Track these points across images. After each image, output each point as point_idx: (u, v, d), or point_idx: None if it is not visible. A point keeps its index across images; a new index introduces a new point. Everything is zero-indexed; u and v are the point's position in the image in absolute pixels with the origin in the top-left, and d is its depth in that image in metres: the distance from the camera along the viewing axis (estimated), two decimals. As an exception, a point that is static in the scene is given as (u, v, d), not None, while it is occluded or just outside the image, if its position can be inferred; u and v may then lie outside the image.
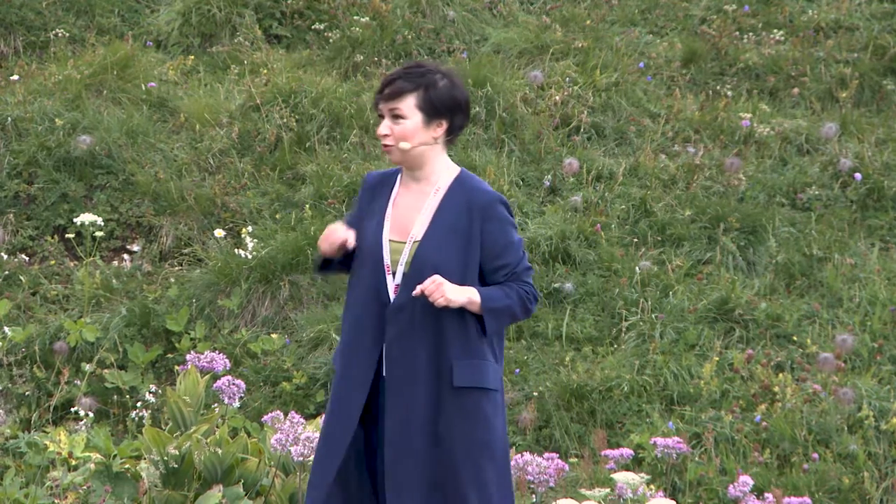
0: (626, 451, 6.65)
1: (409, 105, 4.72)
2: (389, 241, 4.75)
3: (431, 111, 4.73)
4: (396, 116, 4.73)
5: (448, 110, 4.75)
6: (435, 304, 4.59)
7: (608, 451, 6.74)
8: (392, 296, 4.72)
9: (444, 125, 4.76)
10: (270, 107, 10.11)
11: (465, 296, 4.64)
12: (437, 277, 4.60)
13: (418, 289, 4.63)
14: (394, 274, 4.73)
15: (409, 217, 4.77)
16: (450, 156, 4.90)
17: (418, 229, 4.73)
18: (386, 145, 4.75)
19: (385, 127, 4.74)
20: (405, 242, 4.73)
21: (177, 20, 11.27)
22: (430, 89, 4.72)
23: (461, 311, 4.68)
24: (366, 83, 10.58)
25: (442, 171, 4.80)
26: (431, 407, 4.68)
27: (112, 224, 9.49)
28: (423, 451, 4.69)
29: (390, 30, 11.07)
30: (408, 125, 4.72)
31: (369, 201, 4.87)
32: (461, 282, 4.67)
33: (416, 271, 4.69)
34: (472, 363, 4.70)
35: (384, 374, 4.73)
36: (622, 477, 6.27)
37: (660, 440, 6.77)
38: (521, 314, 4.76)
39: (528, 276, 4.77)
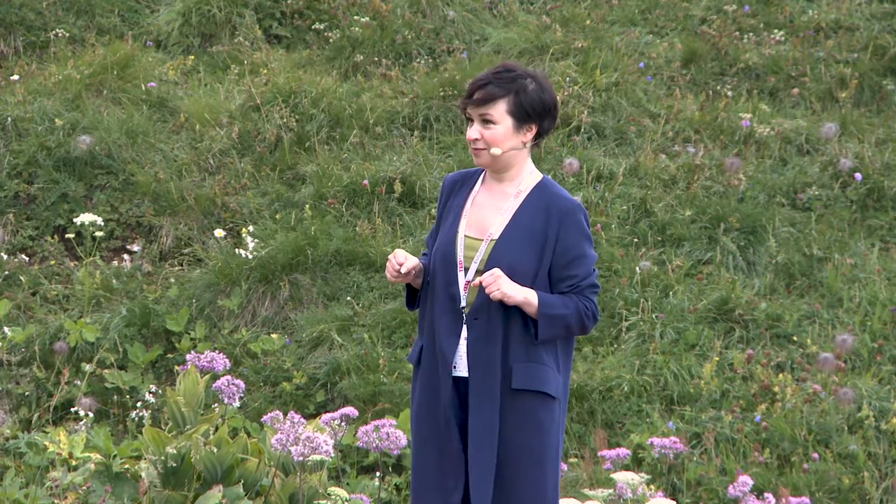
0: (623, 451, 6.65)
1: (499, 110, 4.69)
2: (465, 236, 4.74)
3: (522, 116, 4.70)
4: (486, 121, 4.70)
5: (538, 115, 4.72)
6: (490, 296, 4.58)
7: (605, 452, 6.74)
8: (462, 293, 4.70)
9: (534, 129, 4.73)
10: (270, 107, 10.11)
11: (523, 295, 4.60)
12: (496, 270, 4.59)
13: (477, 279, 4.62)
14: (466, 270, 4.71)
15: (488, 216, 4.75)
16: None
17: (496, 228, 4.72)
18: (476, 149, 4.73)
19: (475, 131, 4.71)
20: (482, 240, 4.72)
21: (177, 20, 11.27)
22: (520, 94, 4.68)
23: (525, 316, 4.65)
24: (366, 83, 10.58)
25: (526, 175, 4.78)
26: (498, 408, 4.67)
27: (112, 224, 9.49)
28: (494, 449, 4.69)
29: (390, 30, 11.07)
30: (498, 130, 4.70)
31: (450, 199, 4.86)
32: (531, 285, 4.64)
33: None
34: (531, 366, 4.67)
35: (467, 374, 4.70)
36: (622, 477, 6.27)
37: (657, 440, 6.77)
38: (576, 328, 4.70)
39: (591, 292, 4.71)
